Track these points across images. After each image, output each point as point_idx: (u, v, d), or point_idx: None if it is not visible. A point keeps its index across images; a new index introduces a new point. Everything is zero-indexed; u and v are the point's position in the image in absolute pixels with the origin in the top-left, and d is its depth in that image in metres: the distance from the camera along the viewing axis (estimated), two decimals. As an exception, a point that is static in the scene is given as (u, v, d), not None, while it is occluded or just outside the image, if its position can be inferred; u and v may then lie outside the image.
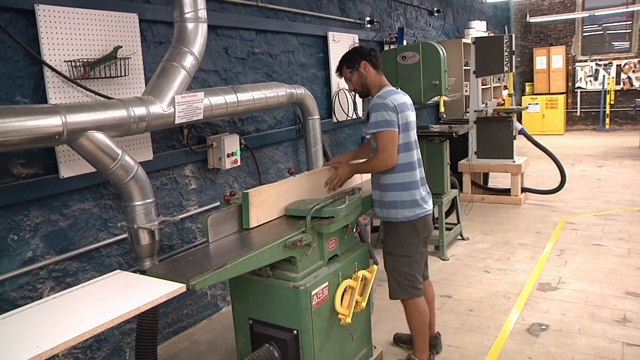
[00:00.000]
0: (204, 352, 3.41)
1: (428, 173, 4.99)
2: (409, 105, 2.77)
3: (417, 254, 2.80)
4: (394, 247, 2.81)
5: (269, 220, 2.61)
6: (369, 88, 2.81)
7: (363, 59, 2.77)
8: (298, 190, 2.76)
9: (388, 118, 2.62)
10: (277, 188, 2.65)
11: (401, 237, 2.78)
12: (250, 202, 2.47)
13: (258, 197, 2.51)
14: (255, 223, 2.51)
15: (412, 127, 2.76)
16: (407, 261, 2.78)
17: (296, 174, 2.96)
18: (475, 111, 6.51)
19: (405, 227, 2.76)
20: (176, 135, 3.59)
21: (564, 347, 3.15)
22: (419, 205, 2.76)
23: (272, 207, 2.62)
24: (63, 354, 2.89)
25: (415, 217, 2.75)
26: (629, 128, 12.17)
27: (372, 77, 2.79)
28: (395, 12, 6.93)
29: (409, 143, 2.73)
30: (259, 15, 4.32)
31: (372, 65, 2.78)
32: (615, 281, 4.03)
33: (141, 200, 2.62)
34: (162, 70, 2.86)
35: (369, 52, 2.80)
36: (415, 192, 2.74)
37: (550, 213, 5.97)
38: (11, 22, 2.62)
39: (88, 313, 1.73)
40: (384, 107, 2.64)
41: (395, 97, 2.69)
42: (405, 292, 2.81)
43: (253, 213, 2.50)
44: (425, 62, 4.75)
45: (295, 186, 2.75)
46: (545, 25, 12.90)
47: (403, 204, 2.73)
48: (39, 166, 2.76)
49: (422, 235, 2.80)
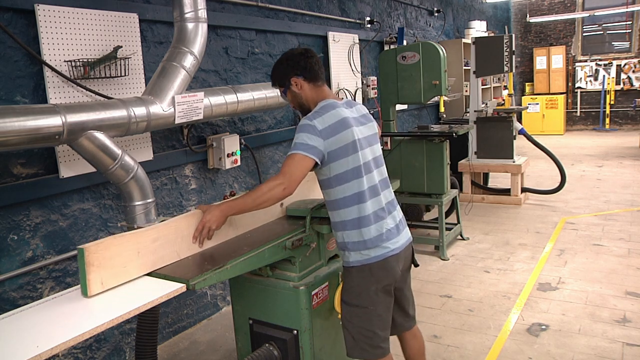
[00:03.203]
0: (204, 352, 3.41)
1: (428, 173, 5.09)
2: (352, 120, 2.18)
3: (377, 304, 2.20)
4: (347, 294, 2.26)
5: (129, 281, 1.95)
6: (308, 106, 2.27)
7: (293, 75, 2.24)
8: (173, 236, 2.11)
9: (307, 142, 2.08)
10: (138, 238, 1.98)
11: (354, 284, 2.22)
12: (88, 261, 1.80)
13: (103, 253, 1.84)
14: (99, 288, 1.84)
15: (361, 147, 2.18)
16: (362, 313, 2.21)
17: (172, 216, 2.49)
18: (475, 111, 6.51)
19: (358, 273, 2.20)
20: (176, 135, 3.59)
21: (564, 347, 3.15)
22: (375, 246, 2.16)
23: (130, 264, 1.94)
24: (63, 354, 2.89)
25: (371, 261, 2.17)
26: (629, 128, 12.17)
27: (307, 93, 2.26)
28: (395, 12, 6.94)
29: (356, 168, 2.14)
30: (259, 15, 4.32)
31: (306, 79, 2.24)
32: (615, 281, 4.03)
33: (141, 200, 2.62)
34: (162, 70, 2.86)
35: (298, 62, 2.24)
36: (365, 231, 2.15)
37: (550, 213, 5.97)
38: (11, 22, 2.62)
39: (88, 313, 1.73)
40: (308, 128, 2.11)
41: (330, 114, 2.14)
42: (362, 351, 2.25)
43: (95, 275, 1.82)
44: (425, 62, 4.76)
45: (168, 232, 2.10)
46: (545, 25, 12.90)
47: (352, 245, 2.18)
48: (39, 166, 2.76)
49: (382, 283, 2.19)
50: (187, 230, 2.17)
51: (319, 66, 2.28)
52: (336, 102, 2.22)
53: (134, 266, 1.96)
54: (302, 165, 2.08)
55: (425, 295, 3.99)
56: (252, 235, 2.45)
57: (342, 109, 2.19)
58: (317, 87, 2.26)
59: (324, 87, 2.28)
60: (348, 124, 2.15)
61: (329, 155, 2.12)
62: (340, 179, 2.15)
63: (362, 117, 2.28)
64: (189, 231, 2.17)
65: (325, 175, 2.17)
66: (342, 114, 2.16)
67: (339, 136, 2.12)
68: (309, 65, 2.24)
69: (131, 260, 1.95)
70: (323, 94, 2.26)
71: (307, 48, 2.33)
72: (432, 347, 3.24)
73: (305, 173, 2.11)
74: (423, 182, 4.96)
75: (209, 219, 2.19)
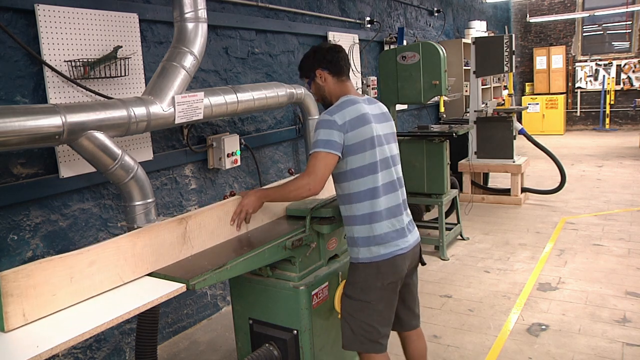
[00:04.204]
0: (204, 352, 3.41)
1: (428, 173, 5.09)
2: (372, 117, 2.22)
3: (380, 301, 2.21)
4: (352, 289, 2.26)
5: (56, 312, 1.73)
6: (330, 99, 2.33)
7: (318, 67, 2.30)
8: (114, 258, 1.90)
9: (328, 138, 2.11)
10: (70, 262, 1.76)
11: (360, 279, 2.22)
12: (5, 292, 1.58)
13: (24, 281, 1.64)
14: (20, 321, 1.63)
15: (379, 143, 2.21)
16: (365, 307, 2.21)
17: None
18: (475, 111, 6.51)
19: (365, 269, 2.20)
20: (176, 135, 3.59)
21: (564, 347, 3.15)
22: (385, 243, 2.17)
23: (60, 292, 1.74)
24: (63, 354, 2.89)
25: (379, 259, 2.17)
26: (629, 128, 12.17)
27: (331, 86, 2.31)
28: (395, 12, 6.93)
29: (373, 164, 2.17)
30: (259, 15, 4.32)
31: (331, 73, 2.29)
32: (615, 281, 4.03)
33: (141, 200, 2.62)
34: (162, 70, 2.86)
35: (325, 56, 2.30)
36: (376, 226, 2.17)
37: (550, 213, 5.97)
38: (11, 22, 2.62)
39: (88, 313, 1.73)
40: (328, 124, 2.14)
41: (350, 109, 2.17)
42: (360, 344, 2.25)
43: (14, 307, 1.61)
44: (425, 62, 4.75)
45: (108, 254, 1.88)
46: (545, 25, 12.90)
47: (362, 241, 2.19)
48: (38, 166, 2.76)
49: (388, 280, 2.19)
50: (131, 251, 1.95)
51: (346, 62, 2.33)
52: (357, 98, 2.26)
53: (66, 294, 1.75)
54: (326, 162, 2.12)
55: (425, 295, 3.99)
56: (252, 235, 2.45)
57: (363, 104, 2.23)
58: (341, 82, 2.31)
59: (348, 83, 2.33)
60: (368, 119, 2.19)
61: (347, 149, 2.14)
62: (356, 173, 2.16)
63: (382, 115, 2.31)
64: (134, 251, 1.96)
65: (341, 169, 2.19)
66: (362, 110, 2.19)
67: (359, 131, 2.15)
68: (335, 60, 2.29)
69: (62, 287, 1.73)
70: (346, 89, 2.31)
71: (336, 44, 2.40)
72: (432, 347, 3.24)
73: (330, 170, 2.15)
74: (423, 182, 4.96)
75: (247, 202, 2.32)
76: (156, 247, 2.05)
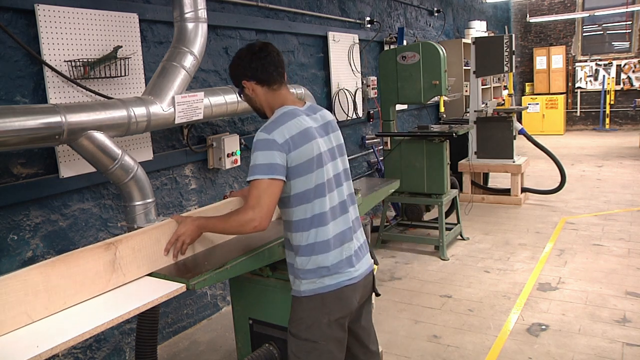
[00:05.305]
0: (204, 352, 3.41)
1: (428, 173, 5.09)
2: (316, 130, 1.92)
3: (329, 340, 1.90)
4: (296, 326, 1.95)
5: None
6: (264, 112, 2.03)
7: (243, 78, 1.98)
8: (22, 293, 1.62)
9: (269, 161, 1.80)
10: None
11: (304, 315, 1.92)
12: None
13: None
14: None
15: (326, 160, 1.92)
16: (312, 348, 1.91)
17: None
18: (475, 111, 6.51)
19: (309, 303, 1.91)
20: (176, 135, 3.59)
21: (564, 347, 3.15)
22: (333, 273, 1.89)
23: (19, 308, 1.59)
24: (63, 354, 2.89)
25: (323, 290, 1.89)
26: (629, 128, 12.17)
27: (261, 98, 1.99)
28: (395, 12, 6.93)
29: (320, 186, 1.88)
30: (259, 15, 4.32)
31: (259, 83, 1.96)
32: (615, 281, 4.03)
33: (141, 200, 2.62)
34: (162, 70, 2.86)
35: (249, 64, 1.96)
36: (322, 258, 1.88)
37: (550, 213, 5.97)
38: (11, 22, 2.62)
39: (88, 313, 1.73)
40: (266, 144, 1.81)
41: (290, 125, 1.85)
42: None
43: None
44: (425, 62, 4.76)
45: (15, 288, 1.60)
46: (545, 25, 12.90)
47: (304, 273, 1.90)
48: (38, 166, 2.76)
49: (336, 315, 1.90)
50: (42, 285, 1.66)
51: (276, 66, 1.97)
52: (297, 109, 1.94)
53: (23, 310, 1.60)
54: (271, 192, 1.81)
55: (425, 295, 3.99)
56: (251, 235, 2.45)
57: (304, 117, 1.91)
58: (273, 91, 1.98)
59: (282, 91, 1.99)
60: (312, 135, 1.89)
61: (291, 172, 1.84)
62: (301, 198, 1.87)
63: (327, 125, 2.00)
64: (45, 285, 1.67)
65: (284, 193, 1.89)
66: (304, 124, 1.89)
67: (302, 149, 1.84)
68: (261, 67, 1.94)
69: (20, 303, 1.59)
70: (280, 99, 1.98)
71: (264, 44, 2.01)
72: (432, 347, 3.24)
73: (277, 199, 1.85)
74: (423, 182, 4.96)
75: (185, 231, 2.02)
76: (77, 277, 1.76)
